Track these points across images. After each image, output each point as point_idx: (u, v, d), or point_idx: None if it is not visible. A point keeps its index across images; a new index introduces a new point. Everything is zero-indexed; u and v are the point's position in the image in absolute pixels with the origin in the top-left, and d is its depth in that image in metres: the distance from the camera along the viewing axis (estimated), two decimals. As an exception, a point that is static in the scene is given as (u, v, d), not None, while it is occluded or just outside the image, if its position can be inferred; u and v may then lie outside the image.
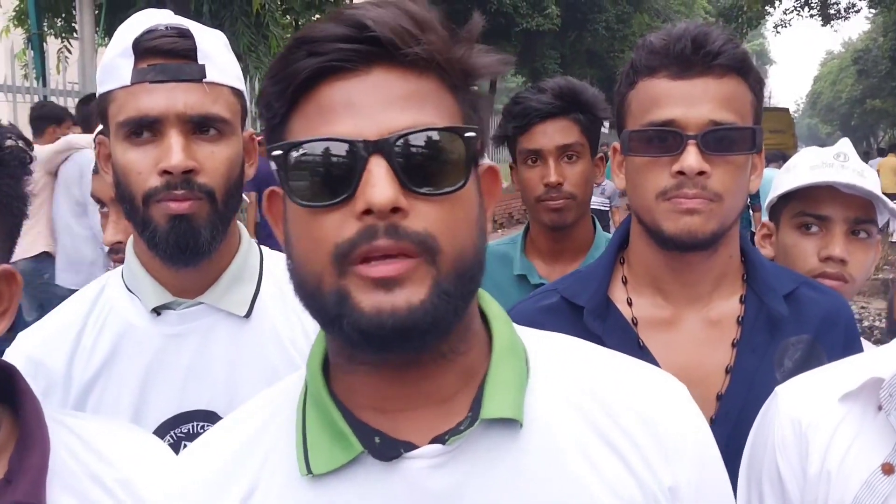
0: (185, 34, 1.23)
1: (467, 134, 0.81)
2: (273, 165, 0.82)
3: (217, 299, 1.32)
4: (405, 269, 0.76)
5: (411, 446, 0.83)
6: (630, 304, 1.40)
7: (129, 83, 1.22)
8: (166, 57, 1.22)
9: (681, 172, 1.26)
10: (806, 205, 1.69)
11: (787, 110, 22.01)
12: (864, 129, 59.46)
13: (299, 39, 0.80)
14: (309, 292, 0.81)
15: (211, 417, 1.29)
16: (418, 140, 0.78)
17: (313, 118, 0.80)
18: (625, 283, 1.43)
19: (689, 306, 1.39)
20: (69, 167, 5.26)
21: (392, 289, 0.76)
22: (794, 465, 1.14)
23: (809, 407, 1.16)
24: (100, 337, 1.32)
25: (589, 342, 0.98)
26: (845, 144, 1.76)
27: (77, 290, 1.34)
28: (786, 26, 29.67)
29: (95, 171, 1.80)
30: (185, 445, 1.28)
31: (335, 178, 0.78)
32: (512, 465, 0.84)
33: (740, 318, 1.38)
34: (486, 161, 0.89)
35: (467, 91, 0.84)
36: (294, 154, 0.80)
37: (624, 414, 0.87)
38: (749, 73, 1.32)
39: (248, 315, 1.33)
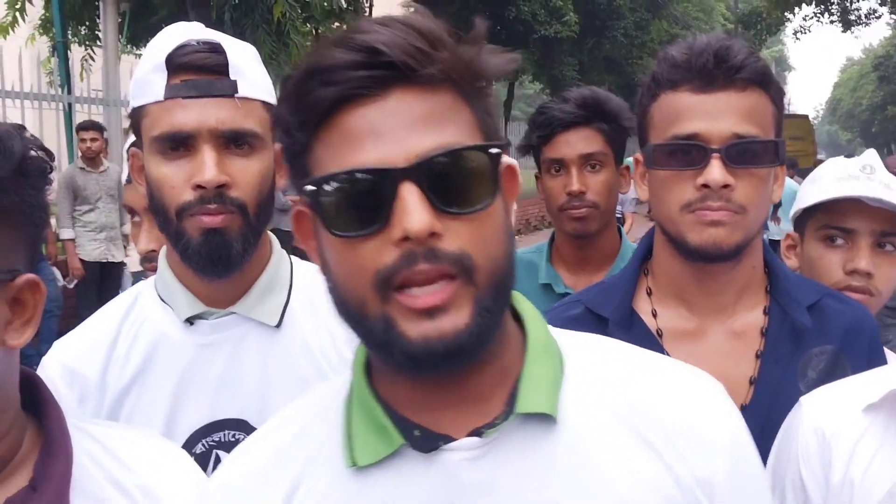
0: (217, 49, 1.25)
1: (492, 150, 0.83)
2: (301, 196, 0.84)
3: (248, 309, 1.34)
4: (448, 297, 0.79)
5: (449, 439, 0.86)
6: (654, 315, 1.42)
7: (162, 98, 1.24)
8: (199, 72, 1.24)
9: (705, 185, 1.27)
10: (831, 217, 1.68)
11: (806, 117, 21.87)
12: (885, 135, 58.91)
13: (312, 69, 0.81)
14: (353, 316, 0.84)
15: (243, 426, 1.31)
16: (446, 161, 0.80)
17: (338, 147, 0.81)
18: (649, 294, 1.44)
19: (713, 317, 1.40)
20: None
21: (436, 316, 0.79)
22: (817, 473, 1.15)
23: (833, 417, 1.17)
24: (133, 346, 1.35)
25: (622, 342, 1.01)
26: (872, 156, 1.74)
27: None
28: (805, 32, 29.50)
29: (128, 182, 1.84)
30: (216, 454, 1.31)
31: (368, 207, 0.80)
32: (545, 458, 0.86)
33: (764, 330, 1.39)
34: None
35: (481, 98, 0.86)
36: (327, 187, 0.81)
37: (657, 410, 0.89)
38: (770, 85, 1.33)
39: (278, 325, 1.35)
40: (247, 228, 1.26)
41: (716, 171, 1.26)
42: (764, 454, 1.25)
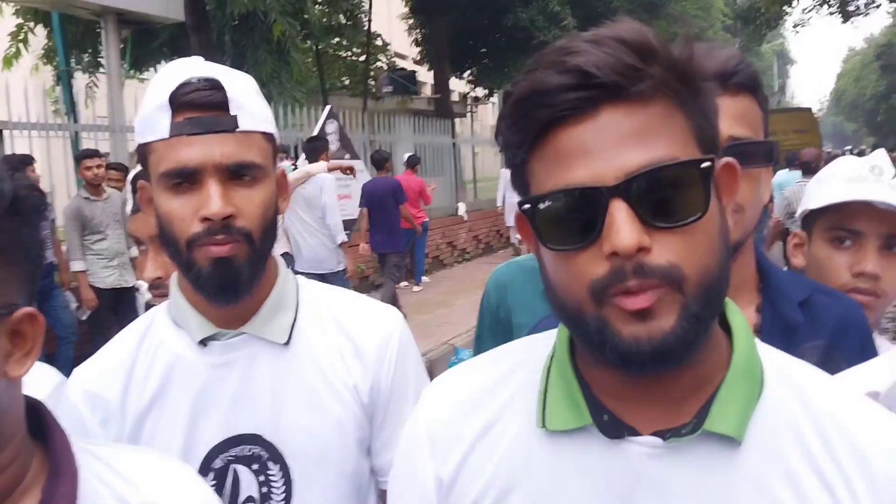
0: (217, 86, 1.30)
1: (703, 165, 0.84)
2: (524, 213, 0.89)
3: (258, 329, 1.39)
4: (655, 300, 0.81)
5: (634, 432, 0.90)
6: None
7: (167, 136, 1.28)
8: (201, 110, 1.29)
9: None
10: (839, 219, 1.69)
11: (809, 110, 21.81)
12: (891, 124, 58.63)
13: (528, 91, 0.84)
14: (571, 317, 0.88)
15: (258, 440, 1.36)
16: (654, 177, 0.81)
17: (552, 165, 0.85)
18: None
19: None
20: (309, 188, 7.65)
21: (646, 319, 0.82)
22: None
23: None
24: (151, 369, 1.39)
25: (821, 370, 1.00)
26: (881, 156, 1.75)
27: (313, 275, 1.35)
28: (805, 25, 29.51)
29: (134, 211, 1.89)
30: (234, 469, 1.36)
31: (580, 223, 0.83)
32: (723, 477, 0.88)
33: (757, 327, 1.42)
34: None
35: (697, 101, 0.87)
36: (542, 206, 0.86)
37: (841, 447, 0.89)
38: (759, 90, 1.39)
39: (287, 342, 1.40)
40: (253, 255, 1.31)
41: None
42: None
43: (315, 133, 10.27)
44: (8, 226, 0.96)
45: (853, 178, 1.68)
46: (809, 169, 9.06)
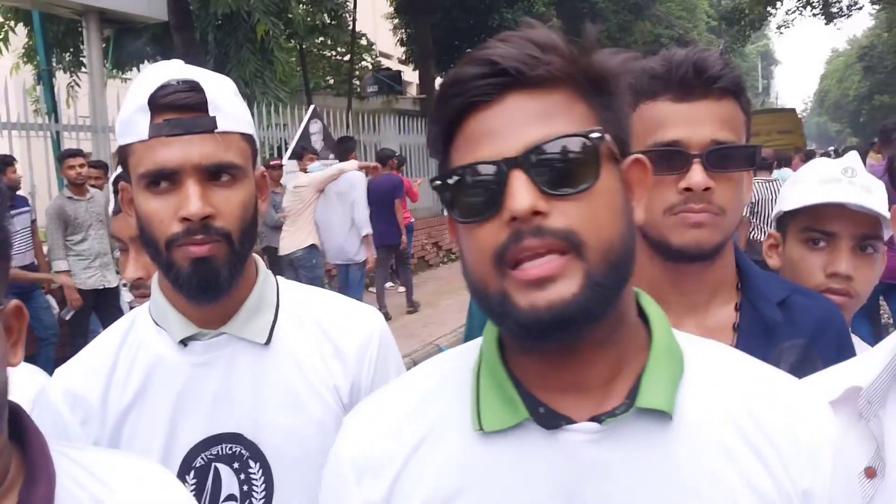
0: (196, 88, 1.30)
1: (592, 135, 0.90)
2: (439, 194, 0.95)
3: (238, 329, 1.39)
4: (556, 267, 0.86)
5: (571, 421, 0.93)
6: None
7: (146, 137, 1.29)
8: (180, 111, 1.29)
9: (688, 189, 1.33)
10: (813, 220, 1.71)
11: (793, 111, 21.99)
12: (874, 125, 59.01)
13: (448, 83, 0.93)
14: (479, 293, 0.93)
15: (238, 439, 1.36)
16: (549, 148, 0.88)
17: (464, 149, 0.92)
18: None
19: (687, 315, 1.45)
20: (341, 184, 8.46)
21: (546, 286, 0.86)
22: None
23: None
24: (132, 369, 1.39)
25: (738, 351, 1.07)
26: (853, 158, 1.77)
27: (340, 265, 1.31)
28: (789, 27, 29.69)
29: (115, 212, 1.89)
30: (215, 467, 1.36)
31: (486, 196, 0.89)
32: (659, 452, 0.93)
33: (736, 325, 1.44)
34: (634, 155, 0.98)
35: (598, 95, 0.94)
36: (450, 181, 0.93)
37: (769, 420, 0.95)
38: (742, 95, 1.40)
39: (267, 342, 1.40)
40: (232, 255, 1.31)
41: (697, 175, 1.33)
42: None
43: (298, 133, 10.26)
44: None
45: (826, 179, 1.70)
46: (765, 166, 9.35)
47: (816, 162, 1.83)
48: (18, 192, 7.42)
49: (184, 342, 1.38)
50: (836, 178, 1.69)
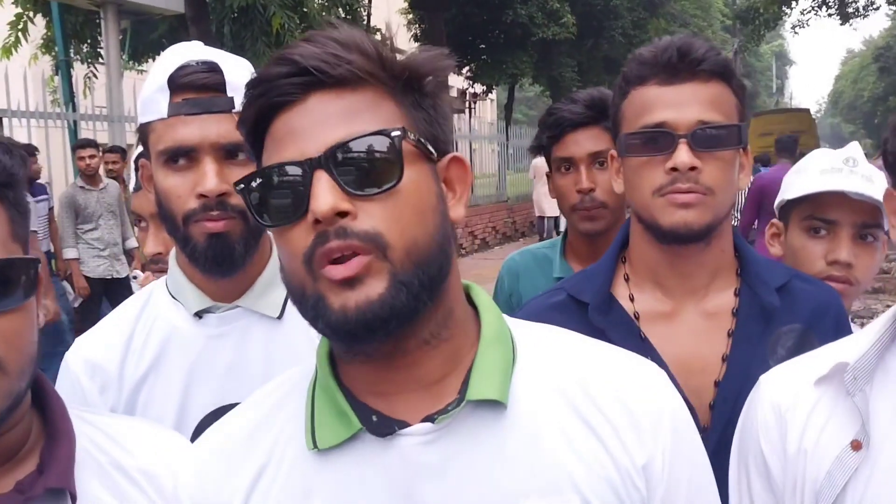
0: (215, 68, 1.35)
1: (394, 133, 0.88)
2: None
3: (252, 303, 1.44)
4: (359, 268, 0.85)
5: (405, 425, 0.92)
6: (632, 299, 1.50)
7: (166, 116, 1.34)
8: (198, 91, 1.34)
9: (674, 169, 1.36)
10: (814, 208, 1.74)
11: (807, 111, 21.86)
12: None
13: (253, 83, 0.91)
14: (296, 297, 0.91)
15: None
16: (351, 147, 0.87)
17: (269, 150, 0.91)
18: (627, 280, 1.52)
19: (687, 299, 1.48)
20: None
21: (354, 286, 0.85)
22: (775, 445, 1.23)
23: (788, 392, 1.24)
24: (148, 340, 1.45)
25: (572, 332, 1.06)
26: (854, 148, 1.79)
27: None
28: (804, 27, 29.50)
29: (136, 189, 1.95)
30: None
31: (293, 199, 0.88)
32: (496, 443, 0.92)
33: (735, 310, 1.46)
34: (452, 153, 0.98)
35: (407, 93, 0.92)
36: (254, 184, 0.91)
37: (603, 397, 0.95)
38: (731, 78, 1.43)
39: (280, 316, 1.44)
40: (247, 231, 1.36)
41: (683, 155, 1.36)
42: (735, 426, 1.32)
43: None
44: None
45: (828, 169, 1.73)
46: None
47: (819, 152, 1.86)
48: (38, 181, 7.51)
49: (199, 315, 1.43)
50: (838, 168, 1.72)
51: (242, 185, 0.92)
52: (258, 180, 0.90)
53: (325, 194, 0.85)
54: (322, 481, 0.93)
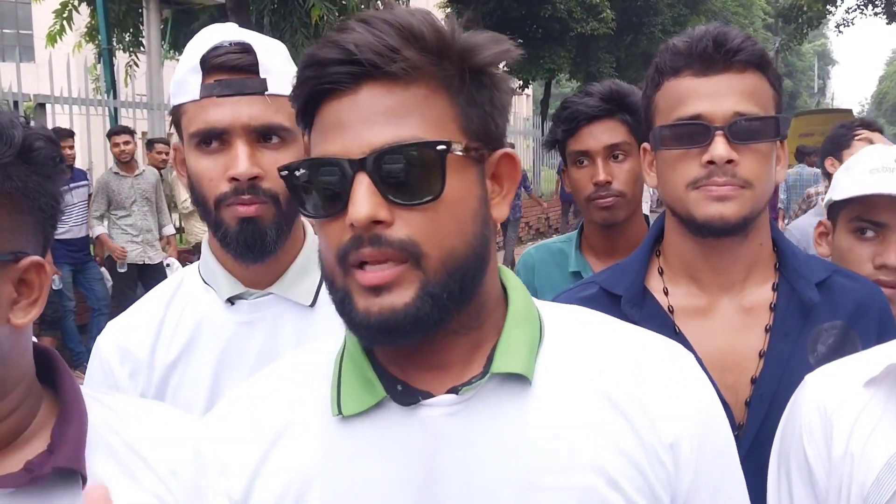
0: (248, 49, 1.33)
1: (438, 147, 0.86)
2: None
3: (285, 290, 1.43)
4: (391, 276, 0.85)
5: (429, 395, 0.93)
6: (666, 293, 1.47)
7: (198, 97, 1.32)
8: (231, 72, 1.32)
9: (711, 162, 1.33)
10: (863, 210, 1.68)
11: (850, 111, 21.51)
12: (934, 129, 57.53)
13: (307, 61, 0.89)
14: (329, 284, 0.92)
15: None
16: (394, 156, 0.85)
17: (317, 137, 0.90)
18: (661, 273, 1.50)
19: (723, 294, 1.45)
20: None
21: (380, 293, 0.86)
22: (819, 448, 1.19)
23: (834, 393, 1.20)
24: (179, 325, 1.44)
25: (602, 314, 1.06)
26: None
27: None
28: (848, 25, 28.91)
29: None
30: None
31: (332, 193, 0.88)
32: (519, 418, 0.92)
33: (773, 305, 1.43)
34: (504, 149, 0.96)
35: (464, 88, 0.89)
36: (296, 174, 0.90)
37: (630, 376, 0.95)
38: (768, 68, 1.39)
39: (312, 304, 1.43)
40: (279, 217, 1.34)
41: (720, 147, 1.32)
42: (773, 426, 1.30)
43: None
44: (17, 173, 0.97)
45: (878, 168, 1.66)
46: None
47: (870, 148, 1.80)
48: (77, 166, 7.63)
49: (231, 301, 1.42)
50: (889, 168, 1.65)
51: (286, 172, 0.92)
52: (301, 170, 0.90)
53: (362, 201, 0.84)
54: (343, 446, 0.94)
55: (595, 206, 2.08)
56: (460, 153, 0.88)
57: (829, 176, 3.78)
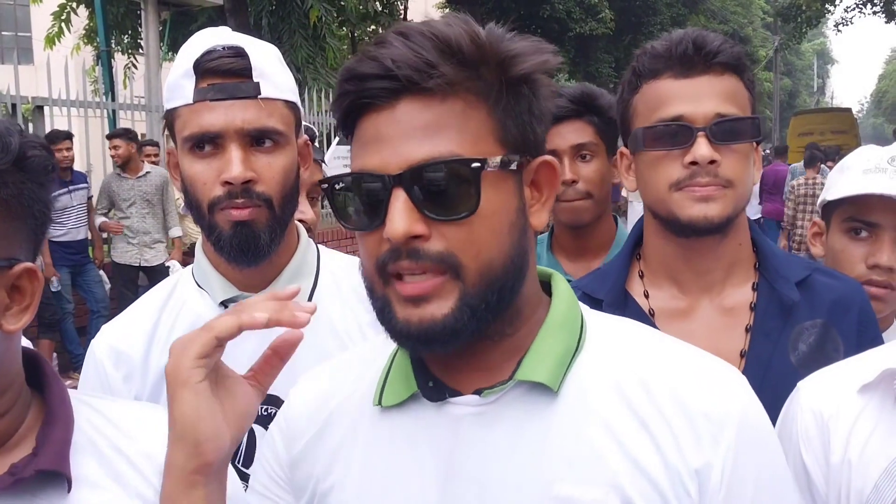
0: (241, 53, 1.34)
1: (473, 165, 0.87)
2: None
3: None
4: (430, 288, 0.88)
5: (458, 394, 0.96)
6: (647, 296, 1.48)
7: (191, 101, 1.33)
8: (224, 76, 1.33)
9: (693, 163, 1.35)
10: (856, 210, 1.68)
11: (849, 110, 21.53)
12: (933, 127, 57.50)
13: (346, 72, 0.91)
14: (368, 291, 0.95)
15: (274, 401, 1.40)
16: (431, 172, 0.87)
17: (357, 150, 0.92)
18: (641, 276, 1.51)
19: (703, 295, 1.46)
20: None
21: (420, 304, 0.88)
22: (817, 455, 1.19)
23: (830, 399, 1.20)
24: (174, 328, 1.45)
25: (653, 329, 1.07)
26: None
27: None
28: (847, 24, 28.88)
29: None
30: (251, 428, 1.41)
31: (369, 207, 0.90)
32: (540, 427, 0.93)
33: (753, 305, 1.44)
34: (543, 157, 0.97)
35: (501, 99, 0.90)
36: (336, 186, 0.93)
37: (663, 395, 0.93)
38: (744, 72, 1.42)
39: None
40: (273, 220, 1.35)
41: (703, 148, 1.34)
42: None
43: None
44: (12, 180, 0.98)
45: (871, 168, 1.66)
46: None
47: (863, 149, 1.80)
48: (76, 169, 7.65)
49: (224, 304, 1.43)
50: (882, 168, 1.65)
51: (326, 186, 0.94)
52: (341, 184, 0.93)
53: (399, 217, 0.86)
54: (377, 435, 1.00)
55: (562, 207, 2.11)
56: (496, 167, 0.89)
57: None
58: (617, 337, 1.00)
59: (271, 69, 1.37)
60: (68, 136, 7.41)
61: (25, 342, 1.66)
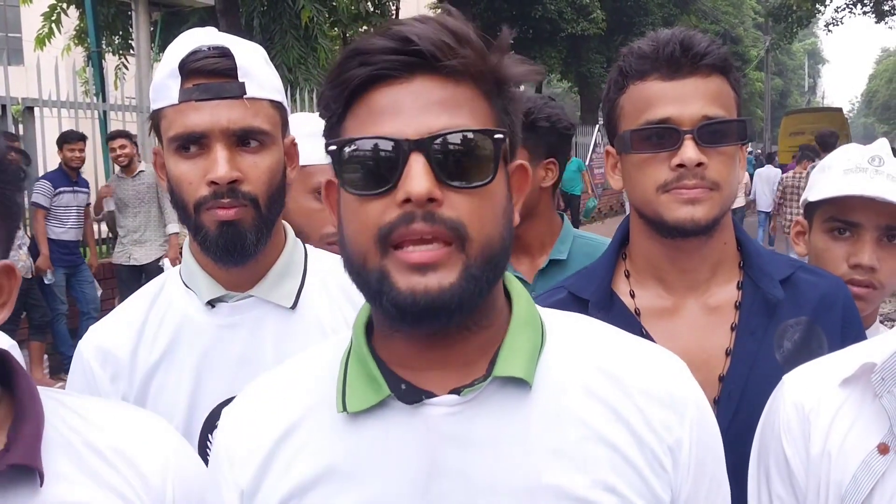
0: (226, 54, 1.34)
1: (496, 136, 0.92)
2: (329, 158, 0.94)
3: (265, 292, 1.44)
4: (439, 256, 0.88)
5: (432, 395, 0.96)
6: (633, 295, 1.49)
7: (177, 102, 1.34)
8: (209, 76, 1.34)
9: (681, 165, 1.35)
10: (838, 210, 1.69)
11: (840, 110, 21.63)
12: (923, 127, 57.70)
13: (354, 50, 0.92)
14: (355, 268, 0.93)
15: None
16: (453, 139, 0.89)
17: (364, 119, 0.92)
18: (627, 276, 1.52)
19: (688, 294, 1.47)
20: None
21: (426, 273, 0.88)
22: (798, 447, 1.21)
23: (811, 392, 1.22)
24: (161, 328, 1.45)
25: (601, 321, 1.09)
26: (881, 146, 1.74)
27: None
28: (838, 24, 28.98)
29: None
30: None
31: (381, 171, 0.89)
32: (520, 419, 0.95)
33: (738, 303, 1.45)
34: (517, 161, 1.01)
35: (500, 96, 0.95)
36: (347, 150, 0.92)
37: (629, 382, 0.98)
38: (731, 73, 1.42)
39: (293, 307, 1.45)
40: (259, 220, 1.36)
41: (690, 151, 1.34)
42: (742, 423, 1.33)
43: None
44: None
45: (852, 168, 1.67)
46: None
47: (846, 148, 1.81)
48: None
49: (211, 304, 1.43)
50: (862, 168, 1.66)
51: (334, 147, 0.93)
52: (351, 146, 0.92)
53: (421, 178, 0.87)
54: (348, 443, 0.97)
55: None
56: (507, 147, 0.94)
57: None
58: (573, 331, 1.04)
59: (257, 69, 1.38)
60: (82, 137, 7.49)
61: (12, 343, 1.68)
